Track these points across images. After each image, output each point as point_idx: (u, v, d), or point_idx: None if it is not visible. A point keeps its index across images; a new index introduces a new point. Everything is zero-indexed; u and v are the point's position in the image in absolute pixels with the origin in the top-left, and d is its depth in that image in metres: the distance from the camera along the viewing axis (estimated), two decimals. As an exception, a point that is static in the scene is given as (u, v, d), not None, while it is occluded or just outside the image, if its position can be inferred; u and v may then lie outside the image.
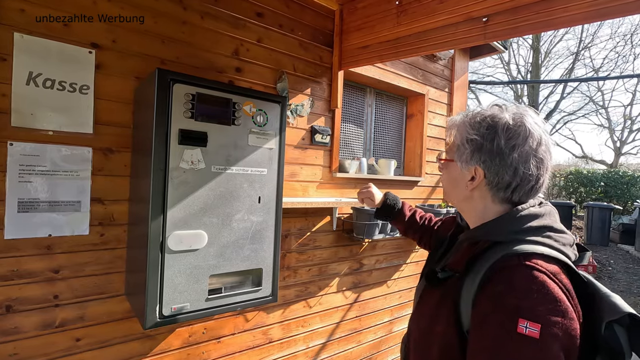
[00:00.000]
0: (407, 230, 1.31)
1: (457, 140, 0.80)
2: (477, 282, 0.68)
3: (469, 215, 0.83)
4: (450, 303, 0.72)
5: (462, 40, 1.60)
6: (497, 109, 0.77)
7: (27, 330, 1.36)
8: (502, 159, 0.74)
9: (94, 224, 1.48)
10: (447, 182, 0.85)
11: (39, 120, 1.36)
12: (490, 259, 0.69)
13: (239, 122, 1.41)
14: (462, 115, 0.82)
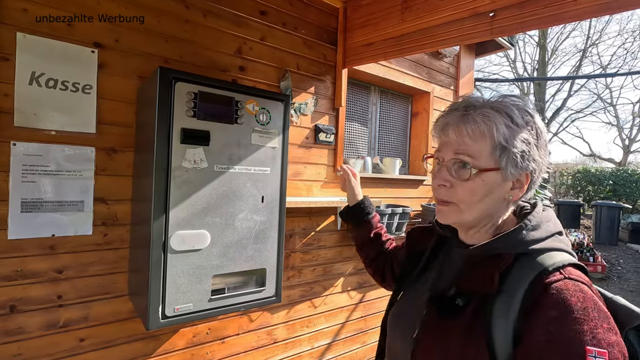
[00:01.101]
0: (366, 245, 1.10)
1: (497, 140, 0.62)
2: (515, 305, 0.56)
3: (479, 230, 0.68)
4: (480, 336, 0.58)
5: (468, 36, 1.57)
6: (513, 96, 0.67)
7: (31, 330, 1.36)
8: (546, 155, 0.66)
9: (97, 224, 1.48)
10: (474, 195, 0.64)
11: (42, 120, 1.36)
12: (523, 275, 0.58)
13: (242, 121, 1.40)
14: (487, 109, 0.63)
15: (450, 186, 0.66)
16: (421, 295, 0.73)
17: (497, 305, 0.58)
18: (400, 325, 0.74)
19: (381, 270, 1.04)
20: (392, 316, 0.79)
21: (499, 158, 0.63)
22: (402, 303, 0.78)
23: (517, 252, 0.62)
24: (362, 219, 1.13)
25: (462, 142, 0.64)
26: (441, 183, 0.67)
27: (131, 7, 1.53)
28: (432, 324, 0.66)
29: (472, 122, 0.63)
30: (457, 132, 0.65)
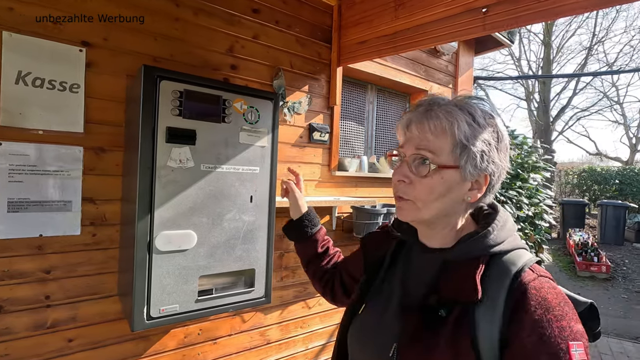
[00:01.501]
0: (314, 261, 1.00)
1: (458, 138, 0.61)
2: (499, 310, 0.56)
3: (438, 232, 0.67)
4: (467, 346, 0.56)
5: (461, 32, 1.54)
6: (476, 97, 0.66)
7: (19, 330, 1.36)
8: (505, 159, 0.66)
9: (85, 224, 1.47)
10: (431, 193, 0.63)
11: (29, 119, 1.35)
12: (500, 278, 0.59)
13: (230, 120, 1.38)
14: (450, 106, 0.63)
15: (409, 182, 0.65)
16: (389, 307, 0.69)
17: (481, 311, 0.57)
18: (371, 343, 0.68)
19: (331, 286, 0.96)
20: (358, 332, 0.72)
21: (459, 156, 0.62)
22: (368, 317, 0.71)
23: (490, 254, 0.62)
24: (309, 234, 1.02)
25: (424, 138, 0.63)
26: (400, 179, 0.65)
27: (120, 5, 1.52)
28: (413, 337, 0.61)
29: (435, 118, 0.63)
30: (419, 128, 0.64)
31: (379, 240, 0.82)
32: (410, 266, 0.73)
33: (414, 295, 0.67)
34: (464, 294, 0.59)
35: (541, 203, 4.33)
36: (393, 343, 0.63)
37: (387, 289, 0.73)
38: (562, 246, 8.86)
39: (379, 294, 0.73)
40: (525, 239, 4.09)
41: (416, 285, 0.68)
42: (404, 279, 0.72)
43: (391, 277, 0.74)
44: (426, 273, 0.68)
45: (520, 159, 4.14)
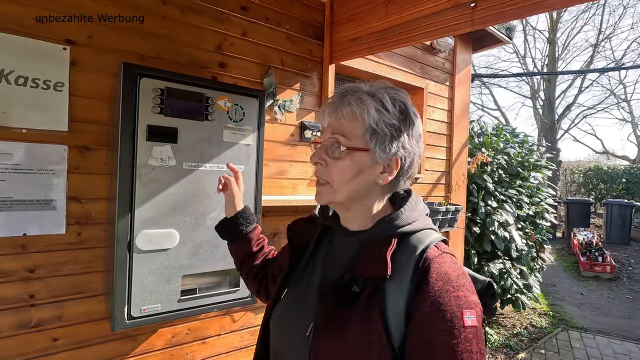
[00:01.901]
0: (249, 261, 0.99)
1: (368, 123, 0.66)
2: (406, 283, 0.62)
3: (356, 215, 0.72)
4: (378, 320, 0.61)
5: (450, 28, 1.51)
6: (391, 87, 0.71)
7: (3, 330, 1.35)
8: (417, 146, 0.71)
9: (71, 223, 1.46)
10: (344, 174, 0.67)
11: (12, 118, 1.34)
12: (409, 255, 0.64)
13: (213, 118, 1.37)
14: (362, 93, 0.68)
15: (325, 165, 0.70)
16: (309, 290, 0.73)
17: (391, 286, 0.62)
18: (291, 325, 0.71)
19: (265, 284, 0.96)
20: (279, 316, 0.75)
21: (369, 140, 0.67)
22: (289, 301, 0.75)
23: (402, 233, 0.67)
24: (244, 232, 0.99)
25: (339, 124, 0.69)
26: (317, 161, 0.71)
27: (104, 2, 1.51)
28: (329, 316, 0.65)
29: (348, 105, 0.68)
30: (335, 115, 0.69)
31: (305, 228, 0.84)
32: (331, 251, 0.77)
33: (333, 277, 0.71)
34: (376, 270, 0.63)
35: (543, 202, 4.27)
36: (311, 323, 0.67)
37: (309, 274, 0.76)
38: (566, 246, 8.76)
39: (301, 279, 0.77)
40: (525, 239, 4.03)
41: (335, 268, 0.73)
42: (325, 263, 0.76)
43: (314, 262, 0.78)
44: (345, 255, 0.72)
45: (520, 157, 4.09)
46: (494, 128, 4.42)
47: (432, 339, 0.58)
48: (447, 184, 3.14)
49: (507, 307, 4.18)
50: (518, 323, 4.28)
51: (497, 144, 4.01)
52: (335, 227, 0.77)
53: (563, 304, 5.12)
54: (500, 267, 3.75)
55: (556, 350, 3.65)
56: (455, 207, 2.77)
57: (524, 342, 3.83)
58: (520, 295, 3.95)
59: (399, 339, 0.60)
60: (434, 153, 2.98)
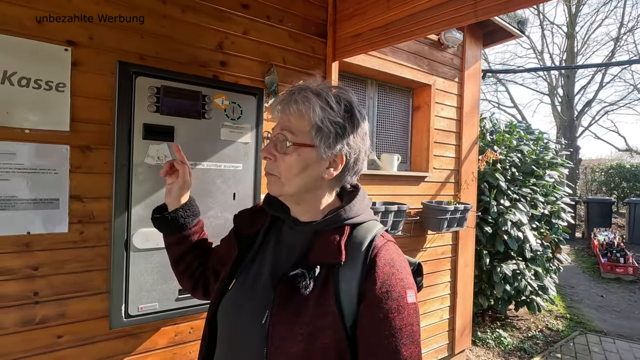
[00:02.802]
0: (188, 256, 0.94)
1: (313, 120, 0.70)
2: (358, 268, 0.68)
3: (306, 207, 0.76)
4: (332, 303, 0.66)
5: (453, 19, 1.47)
6: (336, 86, 0.75)
7: (7, 326, 1.38)
8: (362, 143, 0.75)
9: (73, 221, 1.48)
10: (291, 169, 0.71)
11: (15, 118, 1.37)
12: (359, 243, 0.70)
13: (210, 116, 1.36)
14: (308, 91, 0.71)
15: (274, 160, 0.73)
16: (259, 279, 0.75)
17: (344, 271, 0.67)
18: (243, 314, 0.72)
19: (203, 281, 0.93)
20: (228, 306, 0.75)
21: (315, 136, 0.70)
22: (239, 291, 0.76)
23: (352, 224, 0.73)
24: (189, 225, 0.93)
25: (287, 120, 0.72)
26: (267, 156, 0.74)
27: (104, 3, 1.53)
28: (285, 303, 0.68)
29: (294, 102, 0.71)
30: (283, 112, 0.73)
31: (252, 218, 0.86)
32: (281, 240, 0.79)
33: (284, 265, 0.74)
34: (330, 257, 0.68)
35: (558, 201, 4.13)
36: (266, 311, 0.69)
37: (258, 264, 0.78)
38: (586, 246, 8.48)
39: (249, 269, 0.78)
40: (540, 239, 3.91)
41: (287, 256, 0.75)
42: (276, 252, 0.78)
43: (263, 252, 0.79)
44: (296, 244, 0.75)
45: (535, 155, 3.96)
46: (506, 125, 4.30)
47: (383, 316, 0.65)
48: (456, 182, 3.07)
49: (522, 308, 4.07)
50: (533, 325, 4.16)
51: (509, 141, 3.90)
52: (285, 218, 0.79)
53: (581, 306, 4.95)
54: (513, 267, 3.65)
55: (573, 355, 3.52)
56: (464, 206, 2.70)
57: (539, 345, 3.71)
58: (535, 297, 3.83)
59: (351, 319, 0.66)
60: (441, 151, 2.92)
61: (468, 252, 3.14)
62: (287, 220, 0.79)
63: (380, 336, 0.65)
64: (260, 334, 0.68)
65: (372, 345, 0.65)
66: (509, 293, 3.62)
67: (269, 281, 0.73)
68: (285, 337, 0.66)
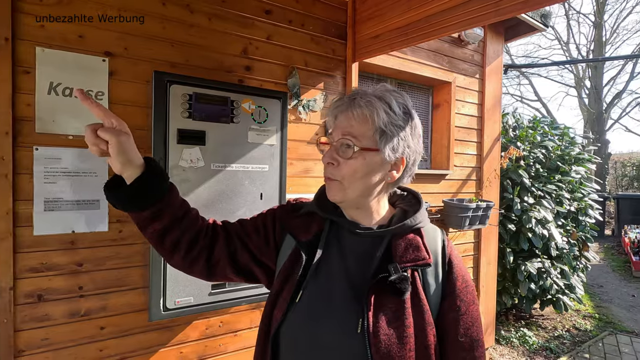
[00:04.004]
0: (174, 229, 0.74)
1: (377, 124, 0.70)
2: (439, 268, 0.74)
3: (366, 211, 0.77)
4: (424, 302, 0.70)
5: (474, 19, 1.48)
6: (394, 90, 0.76)
7: (57, 317, 1.50)
8: (419, 145, 0.76)
9: (112, 221, 1.59)
10: (355, 173, 0.71)
11: (60, 126, 1.48)
12: (433, 244, 0.76)
13: (238, 120, 1.43)
14: (371, 96, 0.71)
15: (337, 165, 0.72)
16: (334, 287, 0.71)
17: (429, 272, 0.73)
18: (322, 327, 0.68)
19: (207, 255, 0.78)
20: (300, 320, 0.70)
21: (379, 140, 0.71)
22: (312, 303, 0.71)
23: (422, 226, 0.77)
24: (164, 190, 0.72)
25: (349, 125, 0.72)
26: (329, 161, 0.73)
27: (139, 17, 1.62)
28: (380, 309, 0.68)
29: (358, 107, 0.71)
30: (345, 116, 0.72)
31: (306, 223, 0.79)
32: (344, 246, 0.76)
33: (360, 271, 0.72)
34: (420, 259, 0.72)
35: (585, 198, 4.02)
36: (358, 319, 0.67)
37: (326, 272, 0.74)
38: (616, 244, 8.16)
39: (317, 278, 0.73)
40: (566, 236, 3.82)
41: (359, 262, 0.73)
42: (343, 259, 0.75)
43: (326, 260, 0.75)
44: (369, 249, 0.74)
45: (560, 150, 3.87)
46: (529, 120, 4.21)
47: (466, 308, 0.73)
48: (478, 179, 3.04)
49: (547, 307, 3.98)
50: (559, 325, 4.06)
51: (533, 136, 3.82)
52: (343, 223, 0.77)
53: (611, 306, 4.79)
54: (538, 265, 3.58)
55: (602, 355, 3.43)
56: (486, 204, 2.68)
57: (566, 345, 3.63)
58: (562, 296, 3.74)
59: (435, 314, 0.72)
60: (463, 148, 2.90)
61: (491, 250, 3.11)
62: (346, 225, 0.76)
63: (465, 326, 0.72)
64: (360, 344, 0.65)
65: (459, 335, 0.72)
66: (533, 292, 3.56)
67: (349, 289, 0.70)
68: (391, 342, 0.65)
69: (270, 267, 0.83)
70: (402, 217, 0.78)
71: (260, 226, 0.83)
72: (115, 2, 1.57)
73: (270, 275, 0.83)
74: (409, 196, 0.83)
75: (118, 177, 0.72)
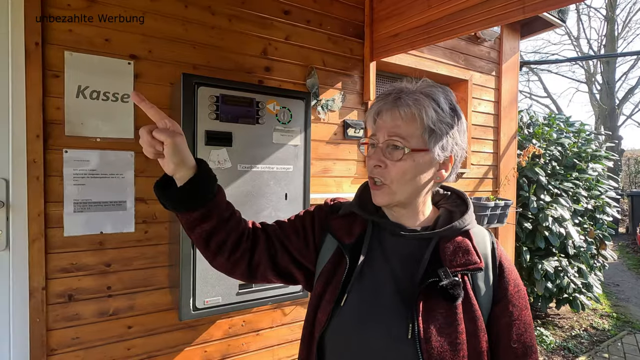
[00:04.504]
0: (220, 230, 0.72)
1: (426, 123, 0.67)
2: (489, 272, 0.71)
3: (412, 212, 0.74)
4: (477, 307, 0.68)
5: (499, 17, 1.46)
6: (439, 85, 0.73)
7: (87, 317, 1.53)
8: (465, 141, 0.74)
9: (138, 221, 1.61)
10: (404, 175, 0.69)
11: (88, 128, 1.50)
12: (483, 247, 0.73)
13: (263, 121, 1.44)
14: (417, 94, 0.68)
15: (384, 167, 0.70)
16: (381, 291, 0.69)
17: (479, 275, 0.70)
18: (369, 331, 0.67)
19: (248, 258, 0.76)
20: (347, 324, 0.69)
21: (428, 140, 0.68)
22: (357, 307, 0.69)
23: (470, 228, 0.73)
24: (214, 192, 0.71)
25: (395, 125, 0.69)
26: (376, 164, 0.71)
27: (161, 20, 1.64)
28: (430, 314, 0.66)
29: (405, 105, 0.68)
30: (391, 116, 0.69)
31: (348, 225, 0.77)
32: (387, 248, 0.73)
33: (410, 274, 0.69)
34: (472, 263, 0.69)
35: (603, 195, 3.96)
36: (408, 325, 0.65)
37: (370, 276, 0.71)
38: (631, 242, 8.03)
39: (362, 282, 0.71)
40: (584, 235, 3.77)
41: (405, 265, 0.71)
42: (387, 262, 0.72)
43: (370, 262, 0.72)
44: (416, 252, 0.71)
45: (576, 147, 3.81)
46: (544, 117, 4.16)
47: (519, 313, 0.71)
48: (495, 177, 3.02)
49: (564, 307, 3.94)
50: (576, 324, 4.02)
51: (549, 134, 3.77)
52: (386, 225, 0.75)
53: (628, 305, 4.72)
54: (555, 264, 3.54)
55: (621, 355, 3.38)
56: (504, 202, 2.66)
57: (584, 344, 3.59)
58: (579, 295, 3.70)
59: (486, 319, 0.69)
60: (479, 146, 2.88)
61: (508, 249, 3.09)
62: (390, 227, 0.74)
63: (518, 332, 0.70)
64: (411, 350, 0.64)
65: (511, 341, 0.69)
66: (550, 290, 3.52)
67: (396, 293, 0.68)
68: (444, 349, 0.64)
69: (309, 269, 0.82)
70: (447, 218, 0.74)
71: (299, 228, 0.82)
72: (139, 5, 1.59)
73: (309, 277, 0.83)
74: (453, 196, 0.80)
75: (166, 178, 0.72)
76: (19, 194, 1.39)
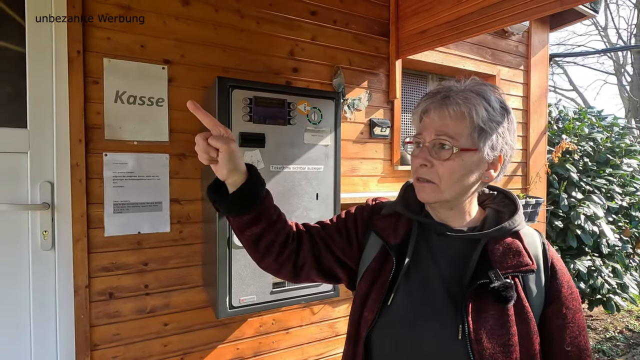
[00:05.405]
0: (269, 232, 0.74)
1: (476, 122, 0.66)
2: (541, 273, 0.70)
3: (459, 212, 0.73)
4: (529, 309, 0.67)
5: (534, 10, 1.42)
6: (488, 84, 0.71)
7: (126, 314, 1.58)
8: (515, 140, 0.73)
9: (173, 222, 1.66)
10: (452, 175, 0.68)
11: (126, 132, 1.56)
12: (534, 248, 0.72)
13: (294, 122, 1.45)
14: (468, 92, 0.67)
15: (431, 166, 0.69)
16: (429, 291, 0.69)
17: (531, 277, 0.69)
18: (418, 331, 0.67)
19: (294, 259, 0.78)
20: (395, 324, 0.69)
21: (478, 139, 0.67)
22: (406, 306, 0.69)
23: (520, 228, 0.72)
24: (263, 196, 0.73)
25: (443, 124, 0.68)
26: (423, 163, 0.70)
27: (194, 24, 1.67)
28: (480, 315, 0.65)
29: (454, 104, 0.67)
30: (439, 114, 0.68)
31: (393, 225, 0.77)
32: (433, 248, 0.73)
33: (459, 275, 0.69)
34: (524, 265, 0.68)
35: (638, 192, 3.78)
36: (458, 326, 0.65)
37: (417, 276, 0.71)
38: (667, 241, 7.64)
39: (409, 282, 0.71)
40: (618, 233, 3.62)
41: (452, 266, 0.70)
42: (434, 262, 0.72)
43: (416, 262, 0.72)
44: (464, 253, 0.70)
45: (609, 142, 3.66)
46: (575, 112, 4.01)
47: (572, 316, 0.70)
48: (525, 175, 2.94)
49: (597, 308, 3.79)
50: (611, 326, 3.86)
51: (580, 129, 3.63)
52: (431, 225, 0.75)
53: (666, 307, 4.50)
54: (588, 264, 3.41)
55: (661, 358, 3.23)
56: (535, 200, 2.58)
57: (620, 347, 3.45)
58: (613, 296, 3.55)
59: (537, 321, 0.68)
60: (508, 143, 2.81)
61: (538, 248, 2.99)
62: (435, 227, 0.74)
63: (572, 335, 0.69)
64: (462, 351, 0.63)
65: (565, 344, 0.69)
66: (583, 291, 3.40)
67: (445, 294, 0.68)
68: (495, 350, 0.63)
69: (352, 268, 0.82)
70: (495, 218, 0.74)
71: (342, 228, 0.82)
72: (173, 11, 1.63)
73: (352, 276, 0.83)
74: (500, 196, 0.79)
75: (217, 183, 0.74)
76: (64, 196, 1.46)
